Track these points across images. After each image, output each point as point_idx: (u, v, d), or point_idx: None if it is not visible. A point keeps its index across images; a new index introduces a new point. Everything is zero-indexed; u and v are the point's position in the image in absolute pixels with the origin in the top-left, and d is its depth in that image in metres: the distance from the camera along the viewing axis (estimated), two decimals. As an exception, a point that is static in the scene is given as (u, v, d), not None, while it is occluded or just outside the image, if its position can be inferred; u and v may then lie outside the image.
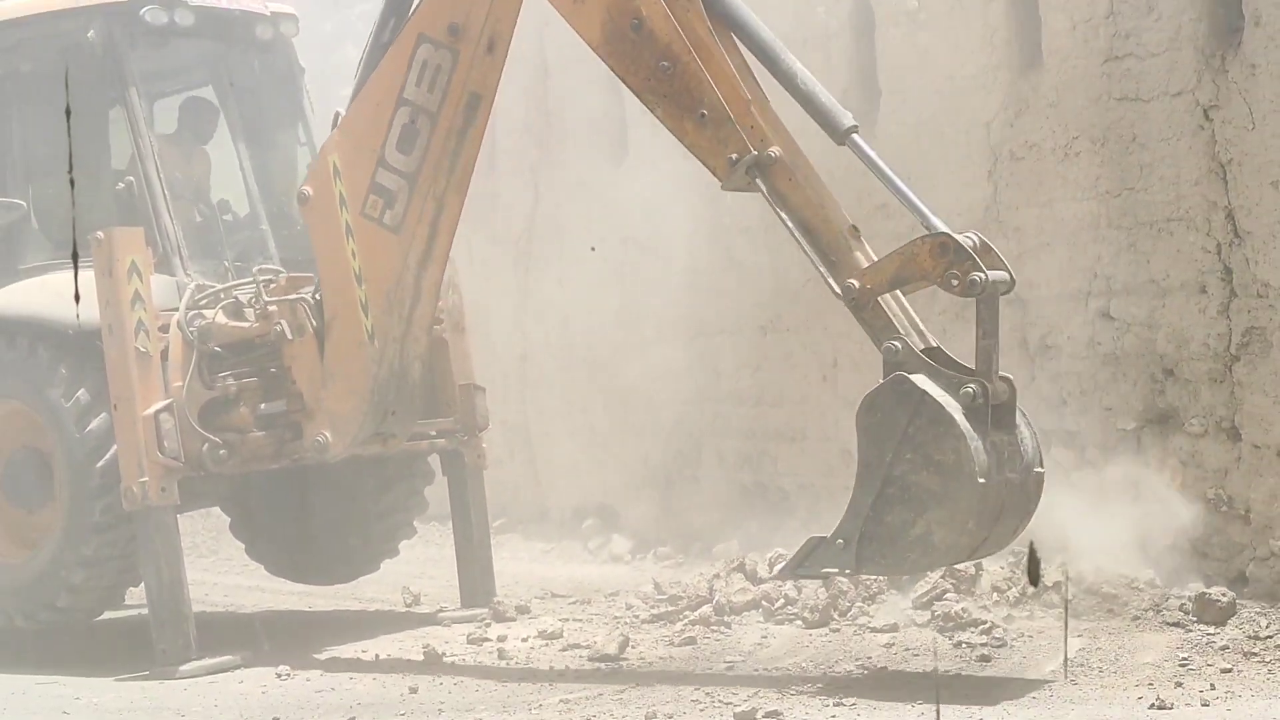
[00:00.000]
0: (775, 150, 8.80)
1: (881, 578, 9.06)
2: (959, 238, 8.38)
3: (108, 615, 11.24)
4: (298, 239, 11.34)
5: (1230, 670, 8.22)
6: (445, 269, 10.13)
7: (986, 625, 9.17)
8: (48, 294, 10.71)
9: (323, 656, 10.22)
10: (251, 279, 10.63)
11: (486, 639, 10.33)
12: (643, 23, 8.86)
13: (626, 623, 10.55)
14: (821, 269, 8.79)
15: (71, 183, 10.88)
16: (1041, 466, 8.60)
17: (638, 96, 9.12)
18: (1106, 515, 10.63)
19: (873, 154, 8.91)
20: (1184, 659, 8.45)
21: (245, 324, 10.43)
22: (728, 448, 13.58)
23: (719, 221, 13.37)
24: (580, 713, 8.20)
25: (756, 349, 13.23)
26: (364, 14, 17.84)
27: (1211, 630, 8.91)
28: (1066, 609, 9.22)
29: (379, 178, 9.72)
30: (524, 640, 10.20)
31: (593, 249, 13.77)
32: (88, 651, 10.59)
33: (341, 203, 9.81)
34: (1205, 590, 9.31)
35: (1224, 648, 8.60)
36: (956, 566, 9.70)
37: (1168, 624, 9.10)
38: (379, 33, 10.02)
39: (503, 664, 9.66)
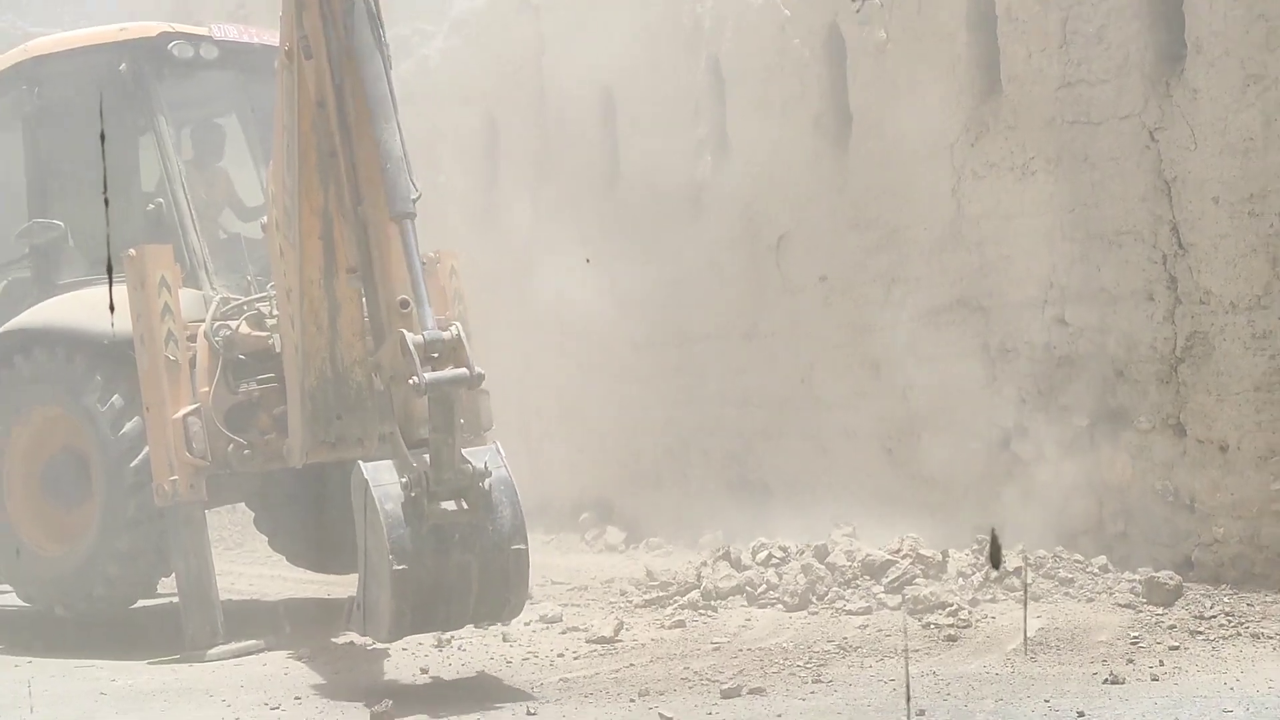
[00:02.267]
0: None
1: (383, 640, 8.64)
2: (410, 338, 8.09)
3: (141, 603, 11.22)
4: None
5: (1178, 648, 8.25)
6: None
7: (953, 608, 9.18)
8: (84, 307, 10.69)
9: (340, 640, 10.21)
10: (266, 294, 10.63)
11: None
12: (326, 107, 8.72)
13: (621, 608, 10.54)
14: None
15: (105, 204, 10.87)
16: (522, 544, 8.30)
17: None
18: (1063, 505, 10.66)
19: (413, 245, 8.36)
20: (1135, 637, 8.48)
21: (266, 334, 10.42)
22: (713, 445, 13.59)
23: (703, 236, 13.41)
24: (579, 691, 8.20)
25: (739, 354, 13.25)
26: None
27: (1160, 611, 8.94)
28: (1026, 592, 9.24)
29: (285, 199, 9.33)
30: (526, 624, 10.17)
31: (588, 261, 13.78)
32: (123, 637, 10.56)
33: (276, 226, 9.56)
34: (1154, 574, 9.34)
35: (1171, 627, 8.63)
36: (923, 554, 9.74)
37: (1120, 605, 9.12)
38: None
39: (507, 646, 9.64)
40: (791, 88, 12.60)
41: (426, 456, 8.06)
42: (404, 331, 8.15)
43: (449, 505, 8.05)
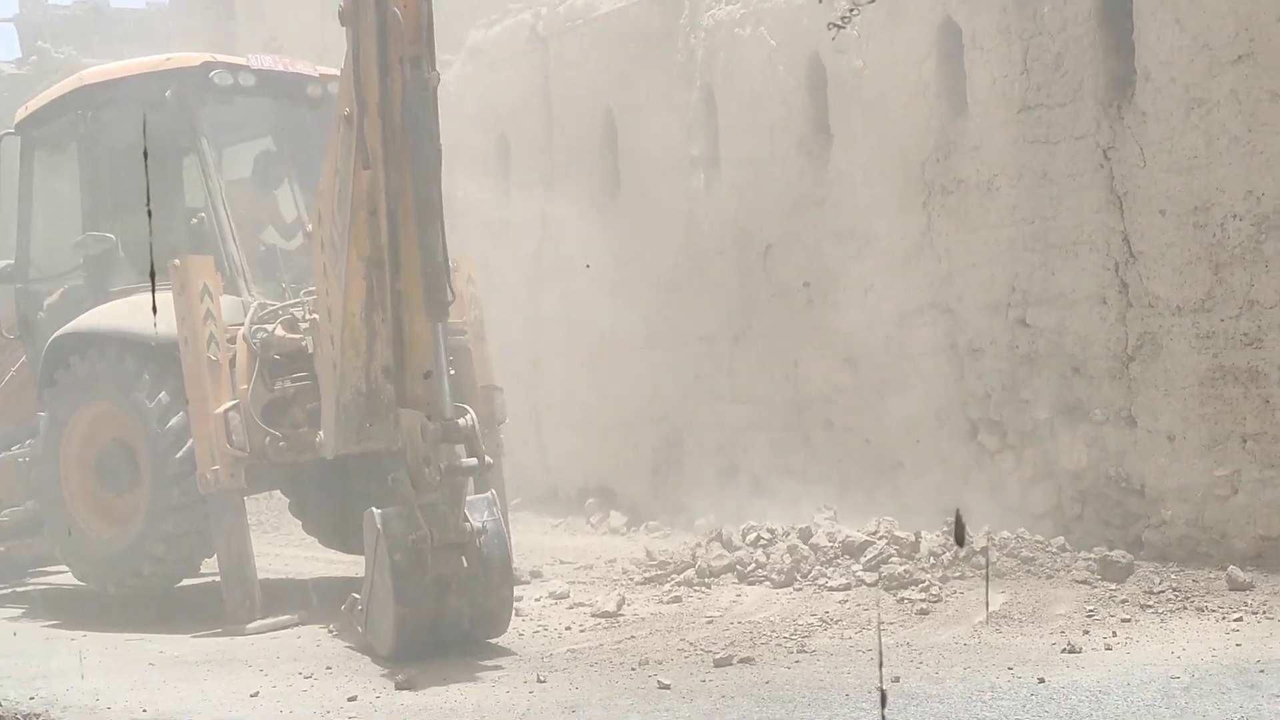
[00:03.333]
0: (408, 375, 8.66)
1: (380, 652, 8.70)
2: (430, 430, 8.30)
3: (185, 582, 11.22)
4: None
5: (1129, 620, 8.26)
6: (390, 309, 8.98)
7: (925, 584, 9.20)
8: (133, 312, 10.70)
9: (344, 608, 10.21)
10: (299, 300, 10.64)
11: (505, 599, 10.34)
12: (378, 215, 8.57)
13: (623, 585, 10.53)
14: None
15: (150, 217, 10.87)
16: (508, 589, 8.71)
17: None
18: (1025, 491, 10.68)
19: (440, 339, 8.59)
20: (1090, 611, 8.49)
21: (299, 336, 10.43)
22: (706, 437, 13.60)
23: (697, 246, 13.42)
24: (585, 661, 8.21)
25: (729, 354, 13.25)
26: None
27: (1113, 587, 8.96)
28: (989, 569, 9.25)
29: (331, 233, 9.20)
30: (536, 600, 10.20)
31: (588, 266, 13.80)
32: (169, 612, 10.56)
33: (321, 246, 9.45)
34: (1108, 553, 9.36)
35: (1124, 601, 8.64)
36: (897, 535, 9.75)
37: (1076, 581, 9.13)
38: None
39: (519, 620, 9.63)
40: (777, 111, 12.61)
41: (432, 509, 8.33)
42: (425, 421, 8.35)
43: (449, 558, 8.37)
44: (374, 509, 8.53)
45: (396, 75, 8.28)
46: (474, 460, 8.42)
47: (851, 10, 11.08)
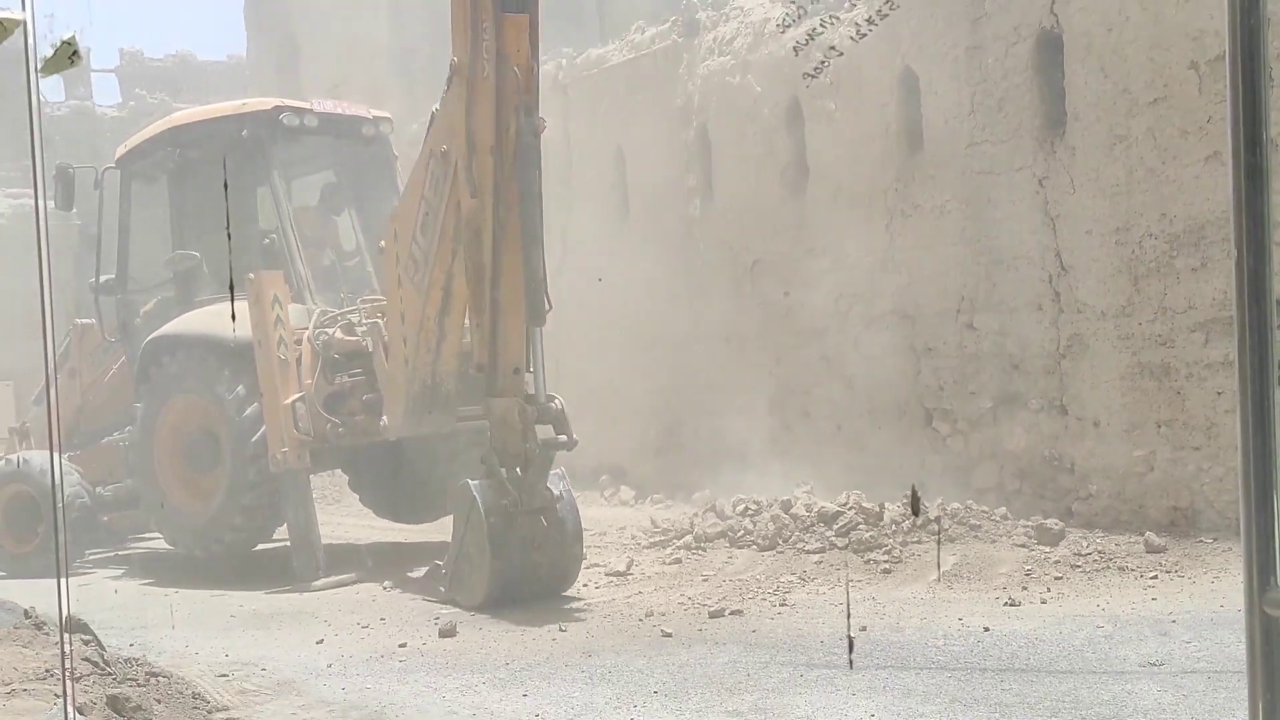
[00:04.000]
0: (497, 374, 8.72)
1: (465, 606, 8.74)
2: (528, 411, 8.61)
3: (260, 546, 11.25)
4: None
5: (1061, 579, 8.26)
6: (465, 314, 9.21)
7: (888, 548, 9.18)
8: (215, 319, 10.72)
9: (415, 575, 10.22)
10: (355, 307, 10.65)
11: (531, 561, 10.33)
12: (480, 237, 8.58)
13: (631, 549, 10.54)
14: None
15: (229, 238, 10.89)
16: (578, 547, 8.94)
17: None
18: (972, 468, 10.67)
19: (539, 342, 8.89)
20: (1028, 570, 8.49)
21: (355, 339, 10.45)
22: (702, 423, 13.60)
23: (693, 261, 13.41)
24: (599, 613, 8.22)
25: (721, 352, 13.25)
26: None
27: (1048, 550, 8.94)
28: (941, 535, 9.25)
29: (412, 250, 9.38)
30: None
31: (600, 280, 13.79)
32: (246, 573, 10.58)
33: (396, 260, 9.60)
34: (1043, 521, 9.35)
35: (1056, 562, 8.63)
36: (864, 506, 9.75)
37: (1016, 545, 9.12)
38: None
39: (543, 579, 9.65)
40: (762, 147, 12.61)
41: (520, 480, 8.55)
42: (524, 405, 8.62)
43: (534, 522, 8.58)
44: (469, 480, 8.64)
45: (510, 121, 8.32)
46: (564, 437, 8.80)
47: (824, 62, 11.07)
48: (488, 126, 8.43)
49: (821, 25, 11.19)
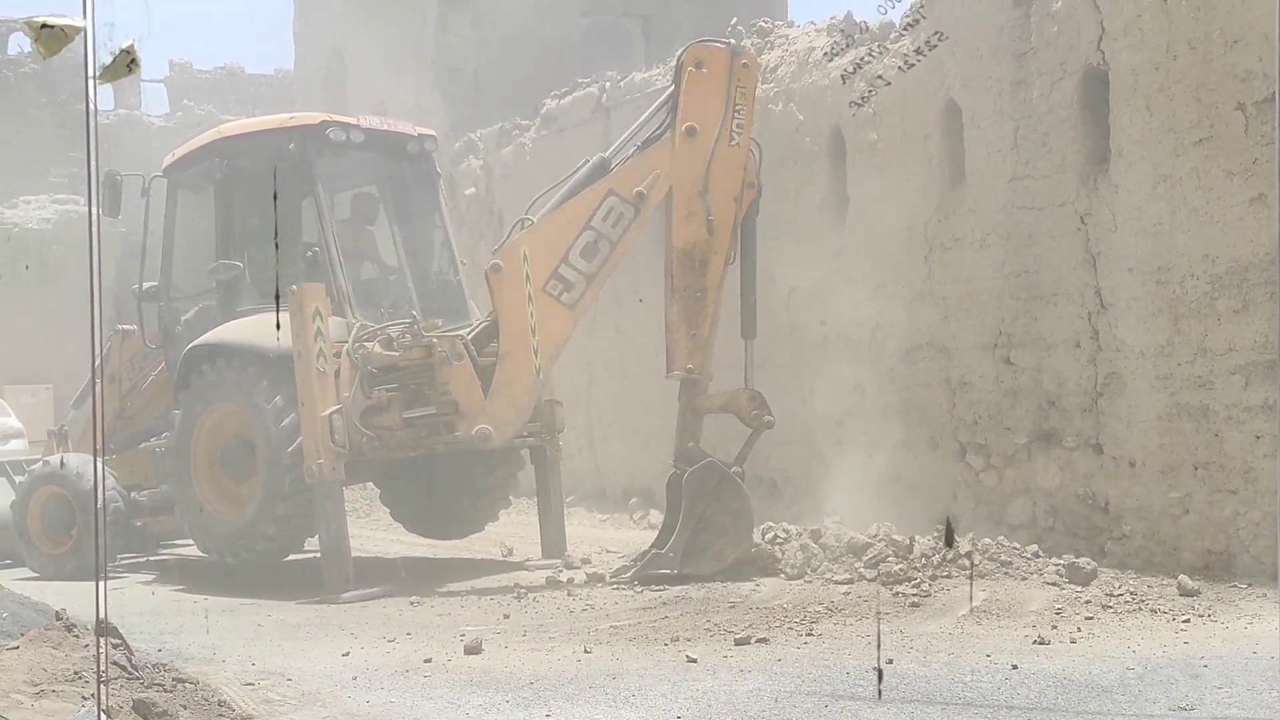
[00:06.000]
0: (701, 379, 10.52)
1: (704, 574, 9.90)
2: (755, 397, 10.59)
3: (292, 557, 11.29)
4: (432, 293, 11.42)
5: (1092, 618, 8.16)
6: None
7: (917, 581, 9.11)
8: (256, 328, 10.79)
9: (442, 590, 10.25)
10: (399, 321, 10.71)
11: (559, 581, 10.33)
12: (707, 265, 10.38)
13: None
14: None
15: (275, 249, 10.98)
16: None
17: (671, 287, 10.48)
18: (1005, 504, 10.60)
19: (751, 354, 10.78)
20: (1059, 609, 8.39)
21: (394, 353, 10.49)
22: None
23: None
24: (624, 636, 8.20)
25: (755, 379, 13.13)
26: (484, 135, 18.01)
27: (1079, 589, 8.85)
28: (974, 570, 9.18)
29: (561, 270, 10.32)
30: (583, 584, 10.19)
31: (640, 301, 13.79)
32: (276, 582, 10.63)
33: (527, 279, 10.25)
34: (1075, 560, 9.25)
35: (1087, 602, 8.54)
36: (894, 538, 9.68)
37: (1047, 583, 9.03)
38: (579, 183, 10.51)
39: (570, 599, 9.64)
40: (802, 176, 12.61)
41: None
42: (748, 395, 10.63)
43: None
44: (688, 467, 10.10)
45: (748, 181, 10.51)
46: (771, 419, 10.60)
47: (870, 91, 11.08)
48: (734, 181, 10.36)
49: (870, 54, 11.21)
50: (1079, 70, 9.91)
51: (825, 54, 12.15)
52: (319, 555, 10.43)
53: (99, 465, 10.76)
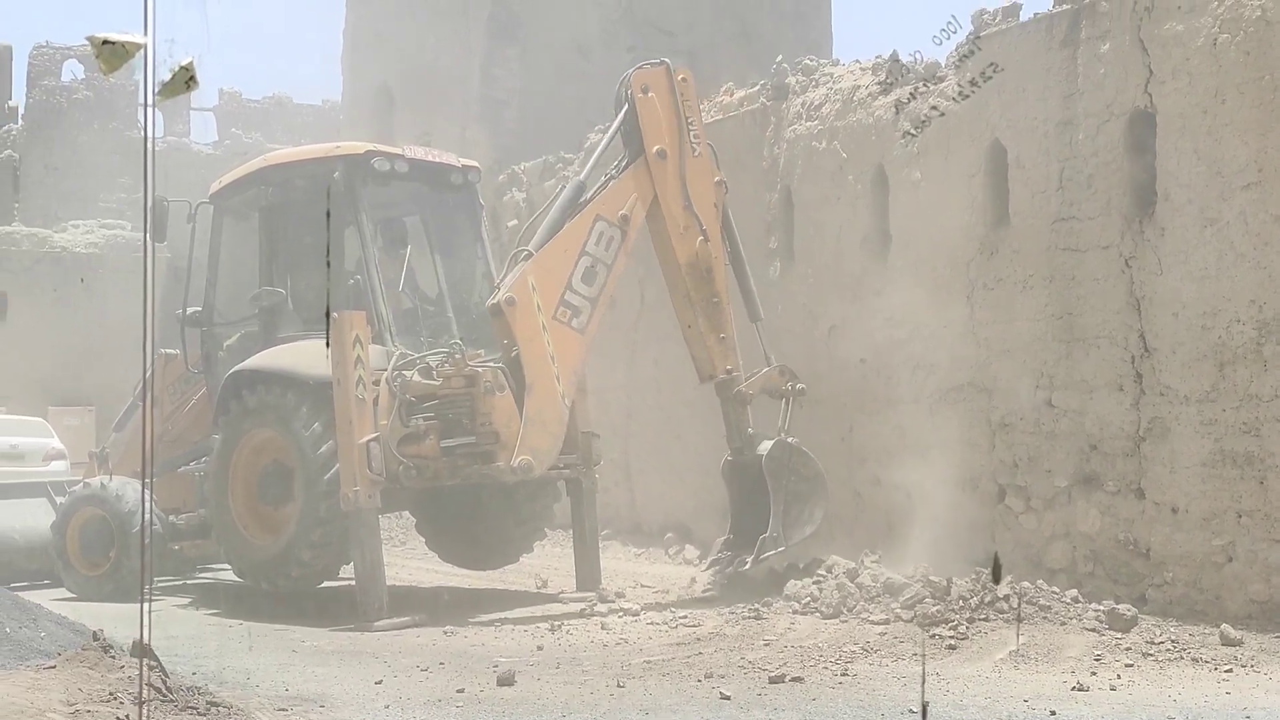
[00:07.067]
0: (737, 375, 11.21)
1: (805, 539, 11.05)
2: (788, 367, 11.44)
3: (326, 584, 11.32)
4: (473, 324, 11.46)
5: (1132, 665, 8.07)
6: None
7: (954, 623, 9.02)
8: (297, 355, 10.86)
9: (477, 620, 10.24)
10: (440, 350, 10.76)
11: (593, 614, 10.31)
12: (712, 271, 11.05)
13: (693, 608, 10.43)
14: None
15: (319, 277, 11.07)
16: None
17: (687, 302, 11.13)
18: (1044, 548, 10.50)
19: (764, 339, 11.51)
20: (1098, 655, 8.30)
21: (433, 382, 10.53)
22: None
23: (770, 324, 13.28)
24: (658, 671, 8.16)
25: (793, 415, 13.13)
26: (528, 168, 18.12)
27: (1119, 636, 8.74)
28: (1019, 613, 9.05)
29: (567, 297, 10.61)
30: (619, 616, 10.16)
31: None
32: (311, 609, 10.66)
33: (538, 309, 10.48)
34: (1115, 606, 9.14)
35: (1128, 649, 8.44)
36: (932, 580, 9.59)
37: (1086, 629, 8.93)
38: (563, 210, 10.82)
39: (604, 633, 9.61)
40: (845, 213, 12.60)
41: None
42: (783, 364, 11.41)
43: None
44: (751, 454, 11.03)
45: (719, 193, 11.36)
46: (803, 386, 11.41)
47: (925, 120, 11.11)
48: (709, 189, 11.16)
49: (924, 85, 11.23)
50: (1126, 112, 9.88)
51: (870, 92, 12.16)
52: (354, 582, 10.43)
53: (148, 490, 10.84)
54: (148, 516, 10.77)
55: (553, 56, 20.05)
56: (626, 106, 11.08)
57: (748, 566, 10.80)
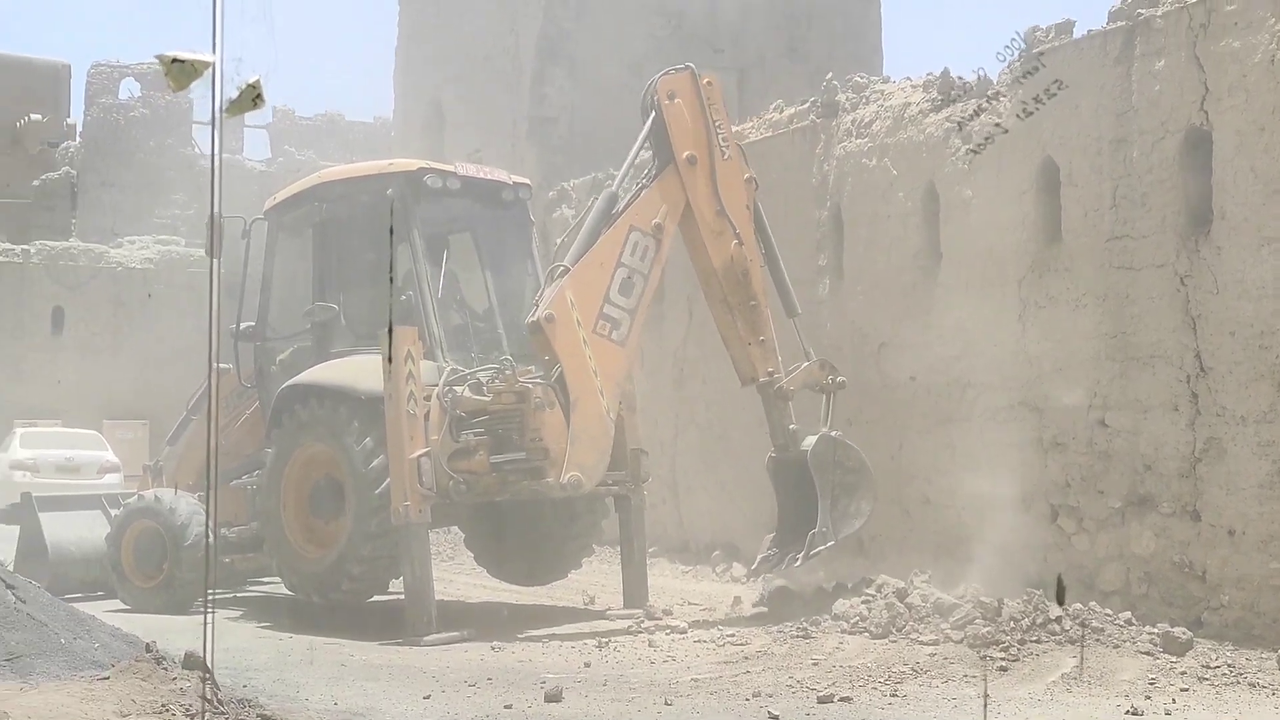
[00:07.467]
0: (778, 376, 11.15)
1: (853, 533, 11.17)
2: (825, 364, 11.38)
3: (376, 598, 11.36)
4: (524, 340, 11.49)
5: (1187, 690, 7.96)
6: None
7: (1005, 645, 8.95)
8: (349, 370, 10.93)
9: (524, 636, 10.24)
10: (490, 366, 10.79)
11: (641, 631, 10.30)
12: (749, 274, 11.08)
13: (741, 627, 10.40)
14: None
15: (376, 292, 11.12)
16: None
17: (724, 306, 11.14)
18: (1097, 569, 10.38)
19: (802, 333, 11.54)
20: (1152, 679, 8.20)
21: (484, 398, 10.56)
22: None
23: (819, 341, 13.23)
24: (705, 689, 8.13)
25: (843, 435, 13.07)
26: (577, 185, 18.18)
27: (1174, 659, 8.64)
28: (1084, 635, 8.93)
29: (605, 310, 10.62)
30: (667, 634, 10.14)
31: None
32: (360, 622, 10.70)
33: (578, 324, 10.50)
34: (1170, 629, 9.03)
35: (1183, 673, 8.33)
36: (983, 600, 9.51)
37: (1141, 652, 8.82)
38: (596, 222, 10.85)
39: (651, 650, 9.60)
40: (895, 230, 12.55)
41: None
42: (823, 359, 11.38)
43: None
44: (795, 449, 11.01)
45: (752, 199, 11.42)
46: (843, 379, 11.42)
47: (988, 138, 11.06)
48: (740, 191, 11.18)
49: (987, 101, 11.18)
50: (1181, 130, 9.78)
51: (920, 109, 12.11)
52: (403, 597, 10.47)
53: (207, 503, 10.91)
54: (208, 530, 10.90)
55: (602, 74, 20.12)
56: (654, 114, 11.08)
57: (799, 563, 10.76)
